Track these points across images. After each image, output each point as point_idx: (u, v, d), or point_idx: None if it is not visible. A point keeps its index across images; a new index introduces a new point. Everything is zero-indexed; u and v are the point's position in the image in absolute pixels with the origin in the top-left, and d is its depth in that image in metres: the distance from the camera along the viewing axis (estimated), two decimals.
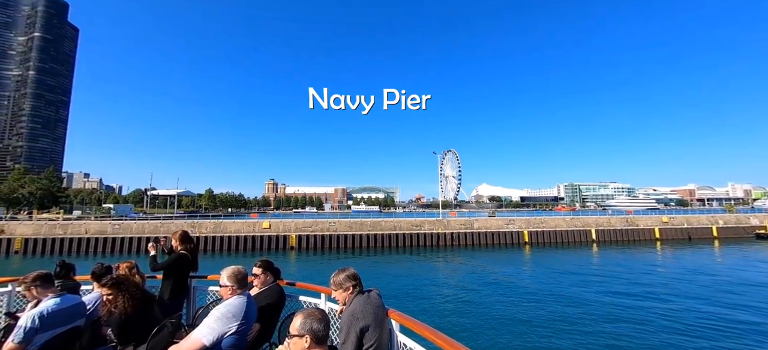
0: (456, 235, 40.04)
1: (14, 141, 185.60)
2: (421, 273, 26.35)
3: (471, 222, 42.70)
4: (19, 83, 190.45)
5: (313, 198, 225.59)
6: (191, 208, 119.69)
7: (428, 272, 27.23)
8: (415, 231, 40.13)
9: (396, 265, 30.21)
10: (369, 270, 27.98)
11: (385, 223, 40.89)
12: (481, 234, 40.64)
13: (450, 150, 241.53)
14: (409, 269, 28.33)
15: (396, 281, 23.59)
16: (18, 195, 67.83)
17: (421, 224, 41.35)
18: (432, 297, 19.39)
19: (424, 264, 31.13)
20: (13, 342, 3.15)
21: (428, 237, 39.66)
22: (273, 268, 4.17)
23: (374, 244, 38.49)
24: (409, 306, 17.65)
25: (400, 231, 39.67)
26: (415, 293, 20.34)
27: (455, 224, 42.05)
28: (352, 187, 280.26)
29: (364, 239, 38.45)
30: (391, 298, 19.42)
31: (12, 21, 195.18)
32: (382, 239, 38.74)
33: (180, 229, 5.35)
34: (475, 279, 23.78)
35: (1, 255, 35.84)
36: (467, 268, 28.57)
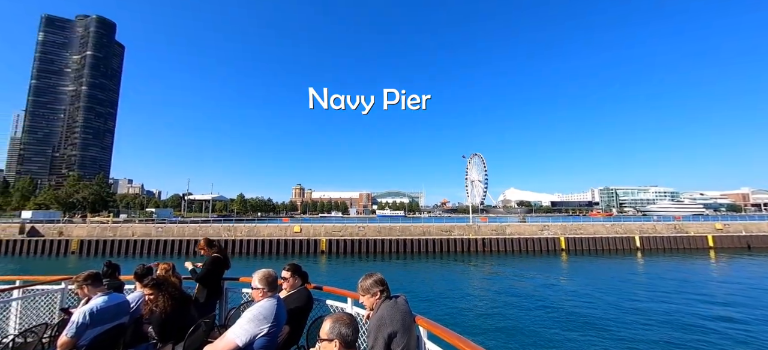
0: (487, 241, 38.91)
1: (69, 150, 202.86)
2: (451, 280, 25.74)
3: (503, 227, 41.36)
4: (73, 98, 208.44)
5: (338, 203, 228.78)
6: (224, 212, 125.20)
7: (458, 279, 26.56)
8: (444, 236, 39.44)
9: (425, 271, 29.76)
10: (397, 276, 27.73)
11: (414, 228, 40.50)
12: (514, 241, 39.22)
13: (476, 153, 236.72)
14: (438, 275, 27.81)
15: (424, 287, 23.21)
16: (73, 200, 74.50)
17: (450, 229, 40.60)
18: (462, 305, 18.79)
19: (454, 270, 30.43)
20: (66, 336, 3.42)
21: (458, 242, 38.81)
22: (301, 272, 4.22)
23: (403, 249, 38.20)
24: (437, 313, 17.21)
25: (429, 237, 39.13)
26: (444, 300, 19.83)
27: (486, 229, 40.91)
28: (376, 192, 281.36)
29: (393, 244, 38.26)
30: (418, 304, 18.81)
31: (68, 42, 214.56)
32: (411, 244, 38.37)
33: (203, 237, 5.66)
34: (509, 287, 22.86)
35: (60, 254, 38.96)
36: (500, 276, 27.53)
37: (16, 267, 34.67)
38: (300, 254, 37.06)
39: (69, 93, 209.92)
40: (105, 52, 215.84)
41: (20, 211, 71.06)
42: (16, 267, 34.05)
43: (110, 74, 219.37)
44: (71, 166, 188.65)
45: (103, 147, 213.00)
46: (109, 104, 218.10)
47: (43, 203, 74.34)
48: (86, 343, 3.52)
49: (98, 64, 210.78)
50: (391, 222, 45.10)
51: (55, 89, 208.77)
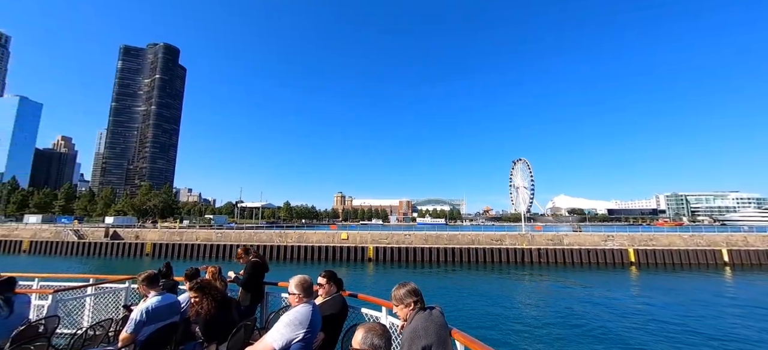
0: (543, 252, 36.35)
1: (140, 163, 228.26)
2: (499, 293, 24.07)
3: (560, 237, 38.42)
4: (144, 116, 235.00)
5: (378, 211, 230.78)
6: (272, 219, 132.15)
7: (508, 292, 24.70)
8: (494, 245, 37.58)
9: (472, 282, 28.36)
10: (442, 285, 26.78)
11: (462, 237, 39.12)
12: (574, 252, 36.20)
13: (520, 159, 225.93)
14: (485, 287, 26.20)
15: (469, 299, 21.97)
16: (146, 207, 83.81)
17: (501, 238, 38.62)
18: (509, 321, 17.32)
19: (504, 282, 28.59)
20: (126, 332, 3.78)
21: (510, 253, 36.74)
22: (336, 279, 4.22)
23: (451, 258, 37.01)
24: (480, 328, 16.06)
25: (478, 246, 37.54)
26: (490, 314, 18.47)
27: (541, 239, 38.29)
28: (416, 199, 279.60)
29: (440, 253, 37.26)
30: (458, 317, 17.83)
31: (140, 67, 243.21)
32: (459, 253, 37.04)
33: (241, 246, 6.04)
34: (568, 303, 20.76)
35: (137, 256, 43.32)
36: (557, 290, 25.18)
37: (101, 265, 39.14)
38: (347, 261, 37.49)
39: (141, 112, 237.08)
40: (170, 75, 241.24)
41: (104, 217, 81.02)
42: (101, 266, 38.44)
43: (174, 94, 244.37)
44: (142, 177, 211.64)
45: (168, 159, 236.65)
46: (173, 121, 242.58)
47: (122, 210, 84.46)
48: (143, 339, 3.86)
49: (165, 86, 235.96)
50: (433, 230, 44.13)
51: (130, 110, 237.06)
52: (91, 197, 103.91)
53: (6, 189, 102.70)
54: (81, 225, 60.90)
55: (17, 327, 4.56)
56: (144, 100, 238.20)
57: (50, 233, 48.88)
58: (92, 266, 38.67)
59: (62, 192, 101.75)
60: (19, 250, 46.73)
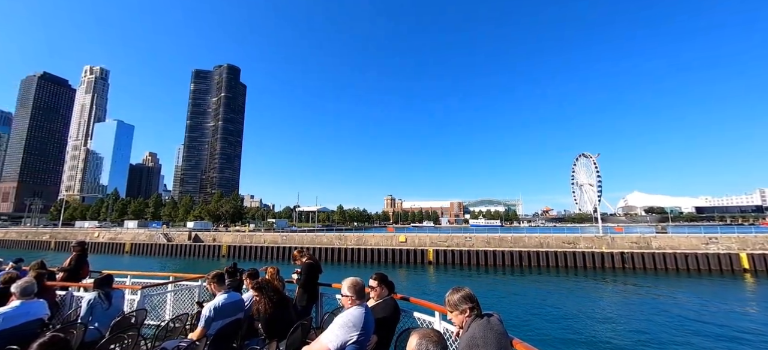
0: (627, 256, 32.35)
1: (211, 173, 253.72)
2: (574, 301, 21.64)
3: (646, 239, 33.82)
4: (213, 131, 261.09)
5: (429, 212, 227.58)
6: (327, 222, 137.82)
7: (584, 300, 22.11)
8: (567, 249, 34.36)
9: (540, 288, 25.98)
10: (506, 292, 25.00)
11: (529, 239, 36.44)
12: (666, 256, 31.61)
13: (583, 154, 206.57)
14: (556, 294, 23.71)
15: (536, 307, 20.13)
16: (219, 213, 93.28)
17: (574, 241, 35.18)
18: (586, 335, 15.29)
19: (579, 289, 25.75)
20: (199, 327, 4.09)
21: (586, 257, 33.31)
22: (387, 281, 4.18)
23: (517, 262, 34.67)
24: (547, 340, 14.52)
25: (548, 249, 34.65)
26: (561, 326, 16.56)
27: (623, 242, 34.10)
28: (468, 200, 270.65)
29: (504, 256, 35.12)
30: (524, 327, 16.27)
31: (208, 88, 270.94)
32: (526, 257, 34.55)
33: (296, 248, 6.68)
34: (667, 317, 17.81)
35: (214, 257, 47.70)
36: (648, 301, 21.71)
37: (186, 264, 43.70)
38: (407, 264, 37.12)
39: (210, 128, 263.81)
40: (233, 93, 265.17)
41: (185, 222, 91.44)
42: (186, 265, 42.89)
43: (237, 109, 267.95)
44: (213, 186, 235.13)
45: (234, 169, 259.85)
46: (237, 134, 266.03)
47: (199, 215, 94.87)
48: (213, 333, 4.15)
49: (229, 103, 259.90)
50: (487, 232, 41.90)
51: (202, 126, 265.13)
52: (174, 205, 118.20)
53: (110, 199, 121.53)
54: (168, 229, 69.09)
55: (115, 317, 5.13)
56: (212, 116, 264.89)
57: (145, 236, 56.13)
58: (178, 265, 43.38)
59: (152, 201, 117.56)
60: (123, 251, 54.41)
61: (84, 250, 8.44)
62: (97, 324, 4.91)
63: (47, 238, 65.51)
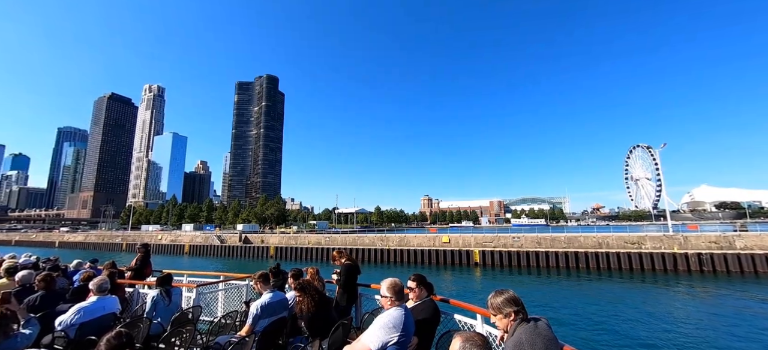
0: (706, 258, 28.75)
1: (255, 178, 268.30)
2: (642, 307, 19.38)
3: (729, 239, 29.78)
4: (256, 139, 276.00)
5: (467, 212, 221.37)
6: (365, 224, 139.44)
7: (650, 306, 19.68)
8: (631, 250, 31.33)
9: (600, 292, 23.76)
10: (560, 295, 23.17)
11: (585, 239, 33.79)
12: (756, 258, 27.62)
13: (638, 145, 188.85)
14: (620, 300, 21.42)
15: (595, 313, 18.27)
16: (264, 216, 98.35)
17: (639, 241, 32.00)
18: (655, 345, 13.52)
19: (644, 294, 23.23)
20: (247, 324, 4.31)
21: (654, 259, 30.11)
22: (426, 282, 4.10)
23: (573, 264, 32.30)
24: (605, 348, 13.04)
25: (609, 250, 31.86)
26: (625, 334, 14.80)
27: (699, 242, 30.38)
28: (508, 199, 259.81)
29: (560, 258, 32.86)
30: (579, 334, 14.88)
31: (250, 98, 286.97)
32: (585, 259, 32.06)
33: (335, 249, 6.37)
34: (750, 326, 15.55)
35: (262, 257, 50.03)
36: (730, 308, 18.91)
37: (238, 265, 46.22)
38: (452, 265, 36.14)
39: (253, 136, 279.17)
40: (273, 101, 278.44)
41: (234, 224, 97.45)
42: (238, 265, 45.35)
43: (277, 117, 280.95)
44: (257, 190, 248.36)
45: (275, 174, 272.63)
46: (277, 140, 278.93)
47: (247, 219, 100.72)
48: (260, 330, 4.35)
49: (269, 111, 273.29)
50: (531, 231, 39.50)
51: (246, 134, 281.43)
52: (224, 209, 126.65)
53: (170, 205, 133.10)
54: (221, 231, 73.90)
55: (174, 313, 5.52)
56: (254, 124, 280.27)
57: (202, 239, 60.46)
58: (231, 265, 46.06)
59: (205, 206, 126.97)
60: (183, 252, 59.05)
61: (147, 252, 9.32)
62: (159, 319, 5.25)
63: (119, 241, 73.06)
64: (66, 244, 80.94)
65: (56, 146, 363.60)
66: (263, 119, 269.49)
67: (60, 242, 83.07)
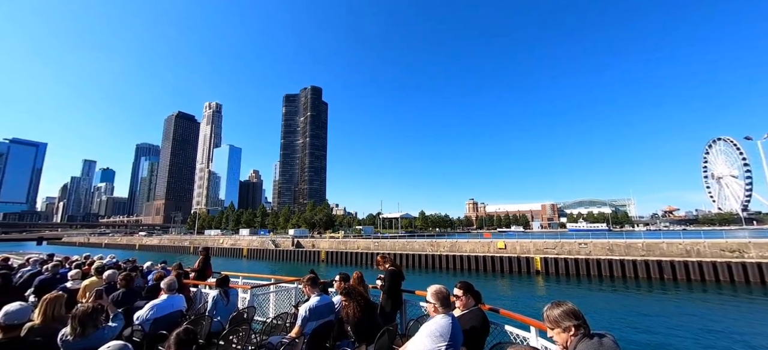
0: None
1: (302, 185, 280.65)
2: (743, 325, 16.18)
3: None
4: (302, 147, 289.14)
5: (516, 216, 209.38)
6: (409, 229, 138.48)
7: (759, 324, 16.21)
8: (730, 258, 26.78)
9: (684, 307, 20.33)
10: (630, 309, 20.22)
11: (670, 247, 29.66)
12: None
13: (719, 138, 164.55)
14: (711, 315, 18.06)
15: (679, 331, 15.57)
16: (313, 221, 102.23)
17: (741, 249, 27.27)
18: None
19: (750, 310, 19.44)
20: (296, 326, 4.43)
21: (765, 269, 25.38)
22: (473, 291, 3.93)
23: (656, 275, 28.42)
24: None
25: (701, 259, 27.56)
26: None
27: None
28: (563, 202, 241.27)
29: (638, 267, 29.16)
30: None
31: (296, 109, 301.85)
32: (671, 269, 28.02)
33: (380, 254, 6.45)
34: None
35: (314, 261, 51.41)
36: None
37: (291, 268, 47.92)
38: (510, 273, 33.89)
39: (300, 145, 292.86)
40: (317, 111, 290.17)
41: (286, 229, 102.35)
42: (291, 269, 47.03)
43: (321, 126, 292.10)
44: (304, 197, 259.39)
45: (321, 180, 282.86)
46: (322, 148, 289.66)
47: (297, 224, 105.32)
48: (308, 333, 4.42)
49: (314, 121, 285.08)
50: (593, 237, 35.53)
51: (293, 144, 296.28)
52: (276, 215, 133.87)
53: (228, 211, 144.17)
54: (275, 236, 77.87)
55: (232, 312, 5.82)
56: (301, 134, 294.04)
57: (258, 243, 64.07)
58: (285, 268, 47.89)
59: (259, 212, 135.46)
60: (241, 255, 63.01)
61: (208, 255, 10.00)
62: (219, 317, 5.61)
63: (187, 244, 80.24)
64: (144, 247, 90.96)
65: (135, 160, 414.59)
66: (308, 128, 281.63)
67: (139, 245, 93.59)
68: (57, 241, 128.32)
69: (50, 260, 9.98)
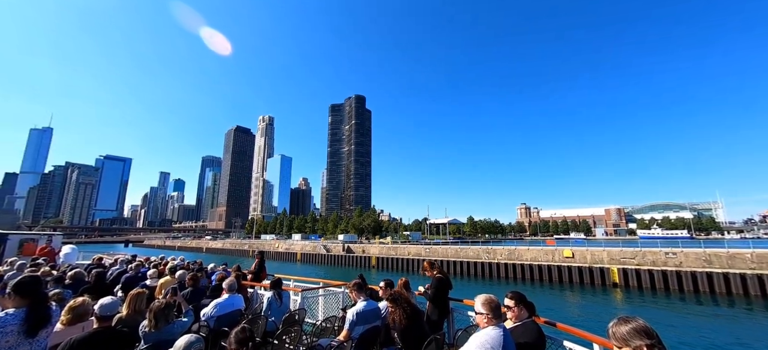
0: None
1: (348, 191, 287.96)
2: None
3: None
4: (347, 155, 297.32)
5: (576, 222, 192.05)
6: (457, 235, 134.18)
7: None
8: None
9: None
10: (732, 332, 16.83)
11: None
12: None
13: None
14: None
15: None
16: (362, 226, 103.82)
17: None
18: None
19: None
20: (345, 329, 4.47)
21: None
22: (527, 302, 3.68)
23: None
24: None
25: None
26: None
27: None
28: (631, 206, 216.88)
29: (748, 282, 24.53)
30: None
31: (341, 118, 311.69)
32: None
33: (427, 259, 6.44)
34: None
35: (365, 267, 51.61)
36: None
37: (343, 273, 48.58)
38: (581, 285, 30.66)
39: (345, 152, 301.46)
40: (361, 119, 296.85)
41: (334, 235, 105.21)
42: (342, 274, 47.64)
43: (365, 133, 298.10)
44: (350, 203, 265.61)
45: (366, 186, 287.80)
46: (366, 155, 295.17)
47: (345, 229, 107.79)
48: (356, 337, 4.47)
49: (358, 129, 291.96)
50: (668, 245, 30.49)
51: (339, 152, 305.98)
52: (325, 221, 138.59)
53: (282, 217, 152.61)
54: (326, 241, 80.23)
55: (284, 314, 6.06)
56: (346, 142, 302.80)
57: (310, 248, 66.33)
58: (336, 273, 48.66)
59: (309, 218, 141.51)
60: (295, 259, 65.67)
61: (263, 258, 10.60)
62: (273, 318, 5.82)
63: (247, 248, 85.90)
64: (210, 249, 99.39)
65: (201, 171, 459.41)
66: (353, 136, 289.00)
67: (206, 248, 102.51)
68: (139, 244, 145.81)
69: (133, 260, 11.35)
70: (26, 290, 3.15)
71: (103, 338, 3.38)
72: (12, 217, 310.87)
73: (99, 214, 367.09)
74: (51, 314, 3.25)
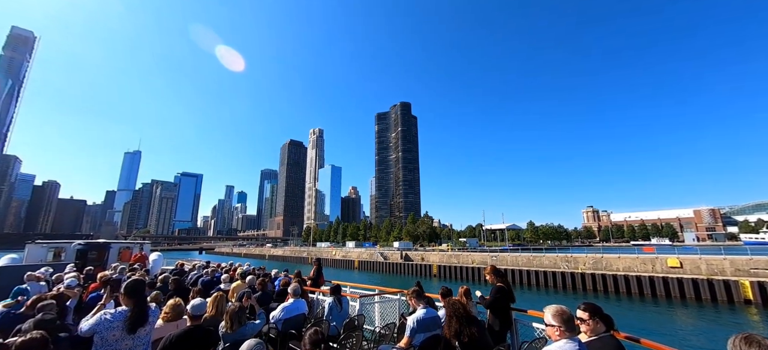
0: None
1: (397, 198, 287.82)
2: None
3: None
4: (395, 162, 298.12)
5: (658, 226, 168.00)
6: (517, 241, 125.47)
7: None
8: None
9: None
10: None
11: None
12: None
13: None
14: None
15: None
16: (416, 233, 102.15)
17: None
18: None
19: None
20: (405, 336, 4.47)
21: None
22: (603, 314, 3.28)
23: None
24: None
25: None
26: None
27: None
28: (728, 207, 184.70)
29: None
30: None
31: (388, 126, 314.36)
32: None
33: (489, 265, 6.11)
34: None
35: (425, 275, 49.73)
36: None
37: (402, 281, 47.21)
38: (697, 301, 25.54)
39: (393, 160, 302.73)
40: (407, 126, 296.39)
41: (387, 242, 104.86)
42: (402, 281, 46.25)
43: (412, 140, 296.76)
44: (400, 210, 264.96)
45: (415, 193, 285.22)
46: (414, 161, 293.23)
47: (399, 236, 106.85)
48: (417, 344, 4.41)
49: (405, 135, 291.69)
50: None
51: (386, 159, 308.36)
52: (377, 228, 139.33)
53: (335, 225, 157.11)
54: (383, 249, 79.93)
55: (345, 319, 6.24)
56: (393, 149, 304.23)
57: (367, 255, 66.26)
58: (395, 281, 47.44)
59: (362, 225, 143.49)
60: (353, 267, 66.01)
61: (320, 265, 11.11)
62: (334, 322, 5.93)
63: (305, 255, 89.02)
64: (272, 256, 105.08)
65: (260, 183, 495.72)
66: (400, 144, 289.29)
67: (268, 255, 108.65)
68: (211, 251, 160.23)
69: (208, 266, 12.28)
70: (134, 292, 3.66)
71: (197, 334, 3.73)
72: (112, 228, 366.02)
73: (178, 224, 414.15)
74: (149, 315, 3.70)
